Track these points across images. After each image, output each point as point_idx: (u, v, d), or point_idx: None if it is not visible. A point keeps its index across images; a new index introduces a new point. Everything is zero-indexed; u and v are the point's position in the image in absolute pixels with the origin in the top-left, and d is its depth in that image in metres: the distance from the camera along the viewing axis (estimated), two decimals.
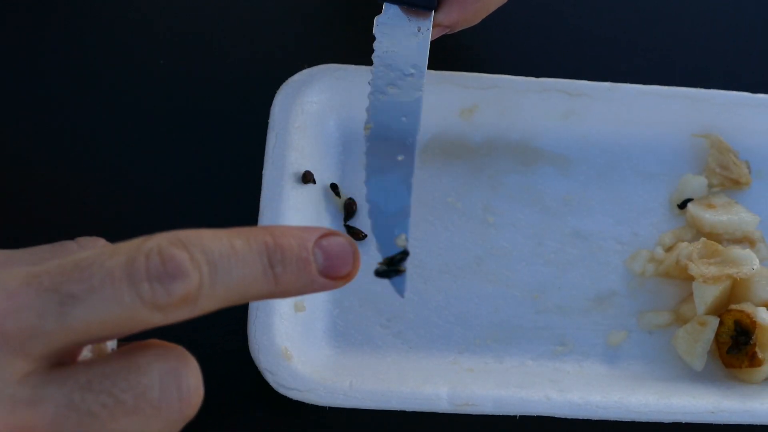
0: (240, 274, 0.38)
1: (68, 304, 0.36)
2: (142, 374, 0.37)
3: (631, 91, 0.64)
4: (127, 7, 0.68)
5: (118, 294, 0.36)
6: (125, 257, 0.36)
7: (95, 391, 0.36)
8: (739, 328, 0.57)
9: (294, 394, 0.54)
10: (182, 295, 0.36)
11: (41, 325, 0.36)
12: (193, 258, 0.37)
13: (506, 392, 0.55)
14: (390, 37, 0.53)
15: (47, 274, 0.36)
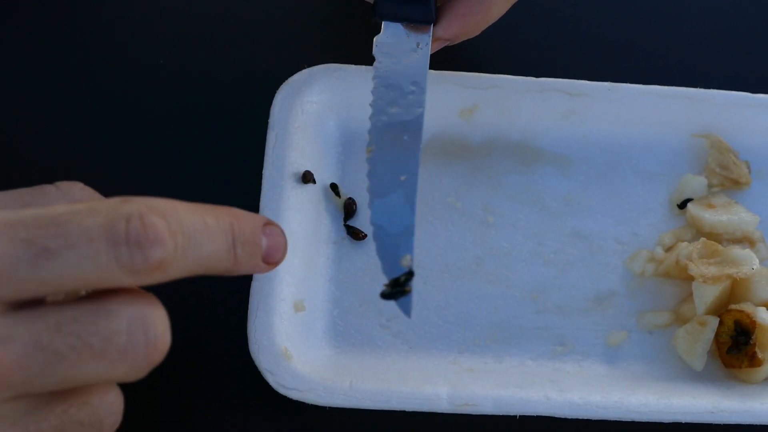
0: (209, 249, 0.40)
1: (43, 257, 0.37)
2: (110, 319, 0.38)
3: (631, 91, 0.64)
4: (127, 7, 0.68)
5: (94, 253, 0.37)
6: (104, 218, 0.37)
7: (63, 333, 0.37)
8: (739, 328, 0.57)
9: (294, 394, 0.54)
10: (157, 262, 0.38)
11: (13, 273, 0.37)
12: (170, 228, 0.38)
13: (506, 392, 0.55)
14: (389, 56, 0.53)
15: (24, 224, 0.37)
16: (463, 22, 0.55)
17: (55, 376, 0.37)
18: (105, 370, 0.38)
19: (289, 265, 0.57)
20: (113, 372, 0.38)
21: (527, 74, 0.64)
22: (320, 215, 0.61)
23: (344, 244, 0.61)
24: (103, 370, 0.38)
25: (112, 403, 0.41)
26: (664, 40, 0.70)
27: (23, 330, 0.37)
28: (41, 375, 0.37)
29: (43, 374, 0.37)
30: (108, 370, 0.38)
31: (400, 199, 0.49)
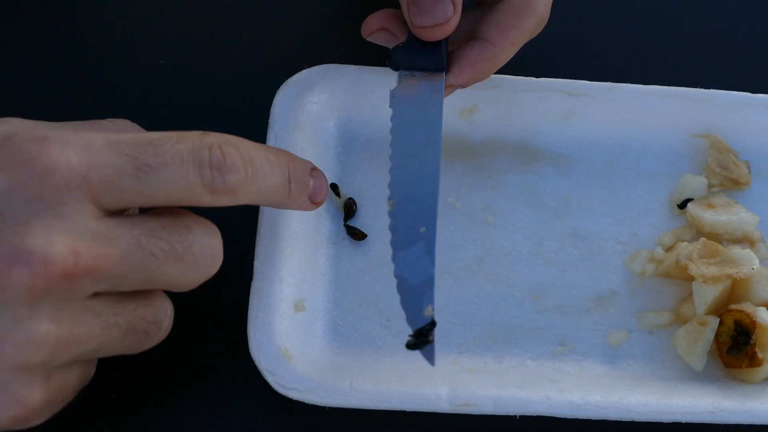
0: (271, 181, 0.49)
1: (143, 171, 0.44)
2: (189, 232, 0.46)
3: (631, 91, 0.64)
4: (127, 7, 0.68)
5: (184, 172, 0.45)
6: (191, 144, 0.45)
7: (156, 238, 0.45)
8: (739, 328, 0.57)
9: (294, 394, 0.54)
10: (232, 185, 0.46)
11: (119, 182, 0.44)
12: (243, 159, 0.47)
13: (506, 392, 0.55)
14: (405, 108, 0.54)
15: (126, 143, 0.45)
16: (474, 70, 0.56)
17: (145, 274, 0.45)
18: (180, 273, 0.46)
19: (289, 265, 0.57)
20: (184, 277, 0.46)
21: (527, 74, 0.64)
22: (320, 215, 0.61)
23: (344, 244, 0.61)
24: (179, 274, 0.46)
25: (168, 309, 0.49)
26: (664, 40, 0.70)
27: (126, 232, 0.44)
28: (135, 271, 0.44)
29: (138, 271, 0.44)
30: (182, 274, 0.46)
31: (421, 251, 0.50)
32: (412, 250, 0.50)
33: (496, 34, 0.56)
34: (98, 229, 0.43)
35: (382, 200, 0.61)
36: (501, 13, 0.57)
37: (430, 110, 0.54)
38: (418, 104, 0.55)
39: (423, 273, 0.50)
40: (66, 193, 0.43)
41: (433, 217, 0.51)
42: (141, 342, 0.48)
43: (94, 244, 0.43)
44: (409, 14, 0.54)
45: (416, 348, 0.50)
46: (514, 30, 0.56)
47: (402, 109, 0.54)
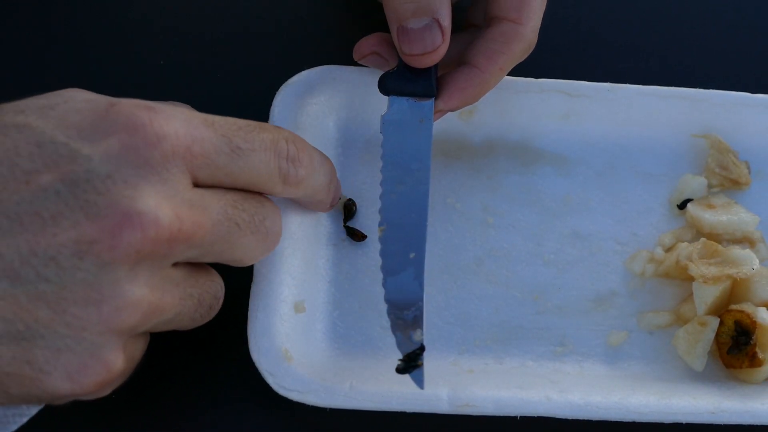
0: (321, 180, 0.54)
1: (236, 152, 0.48)
2: (263, 207, 0.50)
3: (631, 92, 0.64)
4: (127, 7, 0.68)
5: (267, 160, 0.49)
6: (272, 136, 0.50)
7: (240, 209, 0.49)
8: (739, 328, 0.57)
9: (294, 396, 0.54)
10: (302, 178, 0.51)
11: (217, 159, 0.47)
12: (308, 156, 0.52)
13: (506, 393, 0.55)
14: (395, 134, 0.56)
15: (220, 125, 0.48)
16: (463, 95, 0.57)
17: (228, 243, 0.48)
18: (254, 245, 0.50)
19: (289, 266, 0.57)
20: (256, 248, 0.50)
21: (526, 75, 0.64)
22: (320, 216, 0.61)
23: (344, 245, 0.61)
24: (253, 245, 0.50)
25: (223, 287, 0.51)
26: (663, 40, 0.70)
27: (215, 202, 0.47)
28: (221, 240, 0.47)
29: (223, 240, 0.48)
30: (255, 246, 0.50)
31: (410, 277, 0.53)
32: (402, 276, 0.53)
33: (484, 60, 0.57)
34: (193, 199, 0.46)
35: None
36: (490, 40, 0.57)
37: (420, 136, 0.56)
38: (408, 130, 0.56)
39: (413, 298, 0.53)
40: (172, 161, 0.45)
41: (422, 243, 0.54)
42: (204, 315, 0.50)
43: (192, 211, 0.46)
44: (399, 42, 0.55)
45: (406, 372, 0.52)
46: (502, 56, 0.57)
47: (392, 135, 0.56)
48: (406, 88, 0.57)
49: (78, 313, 0.43)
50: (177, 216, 0.45)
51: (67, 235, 0.42)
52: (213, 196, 0.48)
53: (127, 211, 0.43)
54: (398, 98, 0.57)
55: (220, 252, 0.48)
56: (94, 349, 0.43)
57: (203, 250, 0.47)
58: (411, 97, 0.57)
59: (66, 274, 0.42)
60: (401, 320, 0.52)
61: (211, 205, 0.47)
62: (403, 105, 0.57)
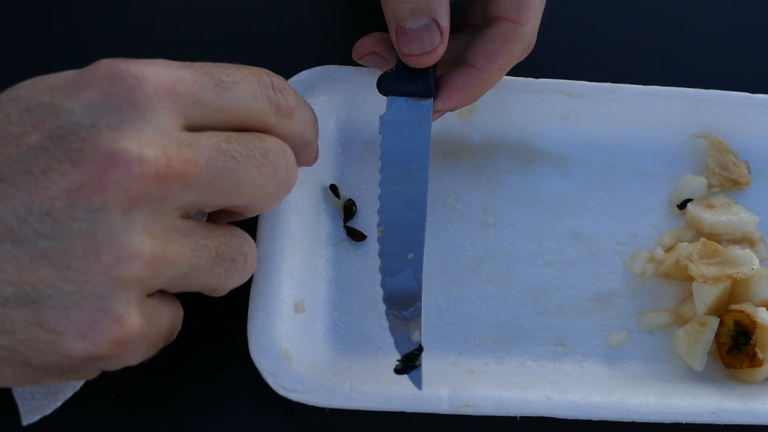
0: (308, 114, 0.53)
1: (220, 86, 0.48)
2: (263, 141, 0.49)
3: (631, 92, 0.64)
4: (127, 7, 0.68)
5: (254, 90, 0.49)
6: (252, 70, 0.49)
7: (235, 143, 0.47)
8: (739, 328, 0.57)
9: (294, 396, 0.54)
10: (292, 106, 0.50)
11: (202, 94, 0.47)
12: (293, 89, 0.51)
13: (507, 393, 0.55)
14: (394, 134, 0.56)
15: (199, 65, 0.48)
16: (461, 95, 0.57)
17: (229, 180, 0.47)
18: (261, 181, 0.48)
19: (288, 266, 0.57)
20: (266, 186, 0.48)
21: (526, 75, 0.64)
22: (320, 216, 0.61)
23: (344, 245, 0.61)
24: (260, 181, 0.48)
25: (252, 244, 0.50)
26: (663, 40, 0.70)
27: (206, 140, 0.46)
28: (220, 177, 0.46)
29: (222, 176, 0.46)
30: (263, 182, 0.48)
31: (409, 277, 0.53)
32: (400, 277, 0.53)
33: (483, 60, 0.57)
34: (183, 138, 0.45)
35: None
36: (489, 40, 0.57)
37: (419, 136, 0.56)
38: (407, 130, 0.56)
39: (411, 299, 0.53)
40: (155, 101, 0.45)
41: (420, 244, 0.54)
42: (229, 271, 0.49)
43: (181, 149, 0.45)
44: (398, 42, 0.55)
45: (404, 372, 0.52)
46: (501, 56, 0.57)
47: (391, 135, 0.56)
48: (404, 88, 0.57)
49: (79, 266, 0.42)
50: (164, 153, 0.44)
51: (58, 186, 0.42)
52: (203, 135, 0.47)
53: (111, 153, 0.43)
54: (397, 98, 0.57)
55: (224, 192, 0.47)
56: (100, 302, 0.43)
57: (204, 192, 0.46)
58: (410, 97, 0.57)
59: (62, 226, 0.42)
60: (400, 320, 0.52)
61: (201, 142, 0.46)
62: (401, 105, 0.57)
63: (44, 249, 0.42)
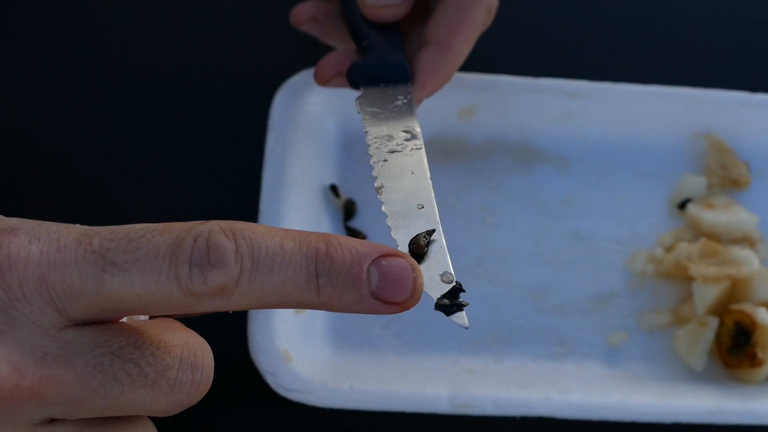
0: (282, 277, 0.37)
1: (108, 271, 0.36)
2: (167, 353, 0.38)
3: (630, 92, 0.64)
4: (127, 7, 0.68)
5: (156, 271, 0.36)
6: (175, 237, 0.37)
7: (124, 359, 0.37)
8: (739, 328, 0.57)
9: (294, 396, 0.54)
10: (218, 286, 0.36)
11: (81, 286, 0.36)
12: (238, 250, 0.37)
13: (506, 393, 0.55)
14: (375, 111, 0.52)
15: (98, 236, 0.37)
16: (435, 79, 0.54)
17: (106, 400, 0.37)
18: (151, 401, 0.38)
19: None
20: (157, 404, 0.38)
21: (526, 75, 0.64)
22: (320, 217, 0.61)
23: None
24: (149, 401, 0.38)
25: None
26: (663, 40, 0.70)
27: (89, 351, 0.37)
28: (94, 397, 0.37)
29: (97, 396, 0.37)
30: (153, 402, 0.38)
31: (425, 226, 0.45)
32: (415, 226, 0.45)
33: (447, 34, 0.54)
34: (51, 347, 0.37)
35: None
36: (448, 11, 0.55)
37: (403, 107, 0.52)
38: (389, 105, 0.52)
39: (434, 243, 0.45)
40: (21, 297, 0.36)
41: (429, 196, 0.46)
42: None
43: (43, 363, 0.36)
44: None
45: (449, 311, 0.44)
46: (465, 27, 0.54)
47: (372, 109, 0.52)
48: (377, 75, 0.54)
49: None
50: (16, 369, 0.36)
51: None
52: (87, 340, 0.37)
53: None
54: (372, 88, 0.53)
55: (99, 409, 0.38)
56: None
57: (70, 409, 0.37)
58: (385, 84, 0.54)
59: None
60: None
61: (80, 353, 0.37)
62: (377, 90, 0.53)
63: None
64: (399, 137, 0.49)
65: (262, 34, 0.68)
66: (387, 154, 0.48)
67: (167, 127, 0.65)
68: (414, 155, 0.48)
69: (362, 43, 0.55)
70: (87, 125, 0.64)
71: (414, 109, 0.52)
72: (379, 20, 0.55)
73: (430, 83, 0.54)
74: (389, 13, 0.54)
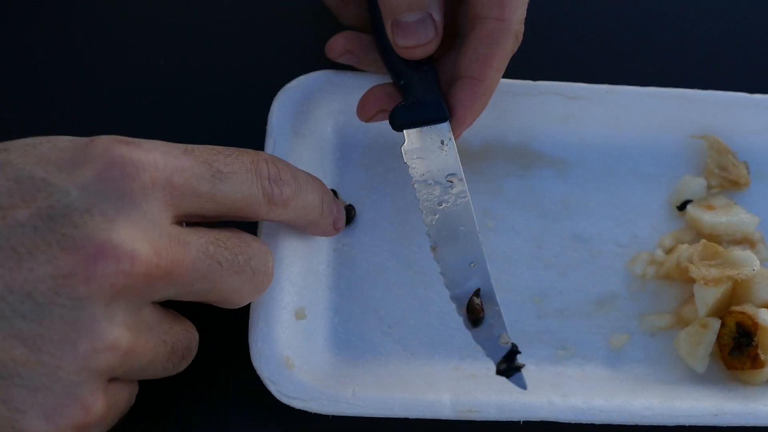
0: (310, 197, 0.53)
1: (217, 177, 0.47)
2: (248, 246, 0.49)
3: (629, 93, 0.64)
4: (127, 7, 0.68)
5: (249, 181, 0.49)
6: (251, 158, 0.50)
7: (223, 247, 0.47)
8: (740, 329, 0.57)
9: (296, 403, 0.53)
10: (287, 197, 0.51)
11: (198, 186, 0.47)
12: (292, 174, 0.51)
13: (509, 398, 0.55)
14: (420, 159, 0.56)
15: (200, 151, 0.48)
16: (472, 112, 0.57)
17: (210, 282, 0.47)
18: (239, 286, 0.48)
19: (289, 273, 0.57)
20: (241, 290, 0.49)
21: (524, 77, 0.64)
22: None
23: (344, 250, 0.60)
24: (237, 286, 0.48)
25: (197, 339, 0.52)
26: (661, 41, 0.70)
27: (197, 239, 0.46)
28: (202, 279, 0.46)
29: (204, 279, 0.46)
30: (240, 287, 0.49)
31: (478, 284, 0.53)
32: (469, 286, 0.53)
33: (479, 68, 0.56)
34: (174, 234, 0.45)
35: (380, 206, 0.61)
36: (478, 43, 0.56)
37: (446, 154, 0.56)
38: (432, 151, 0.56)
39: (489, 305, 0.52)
40: (151, 193, 0.44)
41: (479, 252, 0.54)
42: (176, 365, 0.50)
43: (172, 247, 0.44)
44: (393, 35, 0.56)
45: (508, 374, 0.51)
46: (495, 58, 0.56)
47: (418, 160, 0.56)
48: (417, 117, 0.56)
49: (53, 351, 0.42)
50: (155, 250, 0.44)
51: (44, 269, 0.42)
52: (193, 232, 0.47)
53: (102, 244, 0.42)
54: (413, 130, 0.56)
55: (203, 292, 0.48)
56: (71, 388, 0.43)
57: (184, 289, 0.46)
58: (425, 125, 0.56)
59: (42, 310, 0.42)
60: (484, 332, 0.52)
61: (191, 241, 0.46)
62: (420, 134, 0.56)
63: (20, 329, 0.42)
64: (445, 185, 0.55)
65: (261, 38, 0.67)
66: (436, 207, 0.54)
67: (166, 132, 0.64)
68: (461, 206, 0.54)
69: (399, 82, 0.58)
70: (87, 128, 0.64)
71: (455, 150, 0.56)
72: (413, 58, 0.57)
73: (468, 116, 0.57)
74: (422, 51, 0.57)
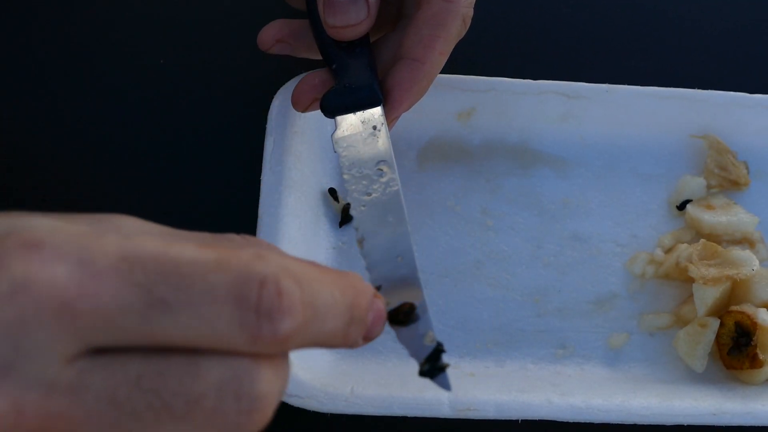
0: (330, 326, 0.36)
1: (157, 308, 0.32)
2: (199, 378, 0.33)
3: (629, 93, 0.64)
4: (127, 7, 0.68)
5: (215, 316, 0.33)
6: (234, 277, 0.33)
7: (143, 390, 0.33)
8: (739, 329, 0.57)
9: (295, 401, 0.53)
10: (283, 336, 0.33)
11: (119, 321, 0.32)
12: (304, 299, 0.34)
13: (508, 396, 0.54)
14: (351, 148, 0.53)
15: (143, 265, 0.33)
16: (410, 95, 0.54)
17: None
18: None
19: None
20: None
21: (524, 77, 0.64)
22: (318, 220, 0.60)
23: (343, 248, 0.60)
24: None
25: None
26: (661, 41, 0.70)
27: (100, 380, 0.32)
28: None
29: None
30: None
31: (403, 277, 0.48)
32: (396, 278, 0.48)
33: (422, 50, 0.54)
34: (59, 378, 0.32)
35: None
36: (422, 24, 0.54)
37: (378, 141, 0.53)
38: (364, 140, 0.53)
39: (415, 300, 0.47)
40: (33, 322, 0.32)
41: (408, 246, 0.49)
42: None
43: (48, 400, 0.32)
44: (324, 14, 0.54)
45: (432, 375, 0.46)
46: (438, 41, 0.54)
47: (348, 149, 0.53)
48: (349, 102, 0.54)
49: None
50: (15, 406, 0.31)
51: None
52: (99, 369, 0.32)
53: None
54: (345, 116, 0.54)
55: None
56: None
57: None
58: (357, 110, 0.54)
59: None
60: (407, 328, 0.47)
61: (91, 386, 0.32)
62: (351, 119, 0.54)
63: None
64: (375, 174, 0.51)
65: None
66: (364, 198, 0.50)
67: (166, 131, 0.65)
68: (390, 195, 0.50)
69: (332, 66, 0.55)
70: (86, 129, 0.64)
71: (388, 136, 0.53)
72: (343, 39, 0.55)
73: (405, 99, 0.54)
74: (352, 32, 0.54)
